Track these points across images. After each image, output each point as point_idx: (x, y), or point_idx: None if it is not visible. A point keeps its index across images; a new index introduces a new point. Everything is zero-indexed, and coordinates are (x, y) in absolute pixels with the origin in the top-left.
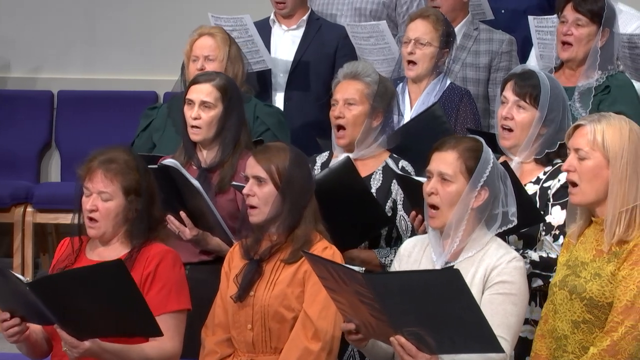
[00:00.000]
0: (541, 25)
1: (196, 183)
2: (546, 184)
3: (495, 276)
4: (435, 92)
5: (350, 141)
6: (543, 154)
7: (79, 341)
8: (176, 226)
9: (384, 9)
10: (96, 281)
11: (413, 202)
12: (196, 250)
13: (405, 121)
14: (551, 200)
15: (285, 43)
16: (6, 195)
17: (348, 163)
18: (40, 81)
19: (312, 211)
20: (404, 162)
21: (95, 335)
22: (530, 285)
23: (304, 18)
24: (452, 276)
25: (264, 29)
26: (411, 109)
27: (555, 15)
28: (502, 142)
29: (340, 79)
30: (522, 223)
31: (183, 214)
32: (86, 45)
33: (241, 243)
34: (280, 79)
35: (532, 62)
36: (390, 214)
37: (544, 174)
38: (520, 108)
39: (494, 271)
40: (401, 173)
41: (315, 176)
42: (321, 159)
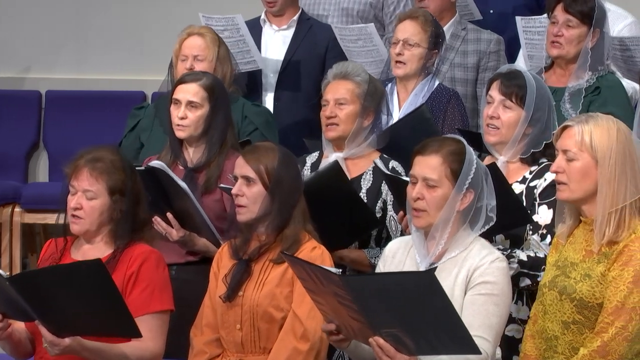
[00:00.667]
0: (529, 26)
1: (183, 184)
2: (532, 183)
3: (478, 277)
4: (424, 93)
5: (340, 135)
6: (529, 154)
7: (59, 338)
8: (163, 227)
9: (371, 9)
10: (75, 279)
11: (401, 203)
12: (183, 251)
13: (394, 121)
14: (538, 199)
15: (276, 43)
16: None
17: (336, 167)
18: (28, 81)
19: (301, 211)
20: (394, 163)
21: (75, 332)
22: (518, 284)
23: (295, 18)
24: (427, 278)
25: (254, 29)
26: (399, 109)
27: (543, 16)
28: (488, 138)
29: (330, 79)
30: (510, 223)
31: (170, 215)
32: (74, 45)
33: (230, 243)
34: (270, 79)
35: (520, 62)
36: (381, 215)
37: (530, 173)
38: (506, 107)
39: (477, 272)
40: (389, 173)
41: (304, 178)
42: (311, 159)
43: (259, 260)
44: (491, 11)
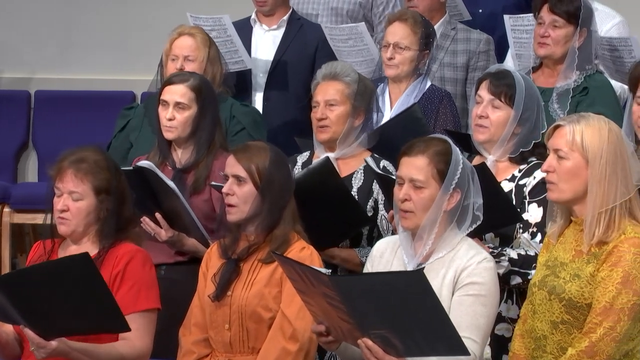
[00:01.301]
0: (517, 24)
1: (172, 184)
2: (522, 182)
3: (466, 277)
4: (415, 93)
5: (331, 137)
6: (517, 153)
7: (46, 341)
8: (152, 228)
9: (360, 9)
10: (62, 275)
11: (392, 202)
12: (172, 251)
13: (385, 121)
14: (527, 197)
15: (266, 43)
16: None
17: (327, 163)
18: (17, 81)
19: (290, 212)
20: (385, 162)
21: (62, 334)
22: (509, 282)
23: (285, 18)
24: (417, 278)
25: (244, 29)
26: (391, 109)
27: (531, 14)
28: (477, 136)
29: (320, 80)
30: (501, 222)
31: (158, 215)
32: (63, 45)
33: (219, 243)
34: (260, 79)
35: (509, 61)
36: (372, 213)
37: (519, 171)
38: (495, 107)
39: (464, 272)
40: (381, 172)
41: (295, 176)
42: (302, 158)
43: (247, 260)
44: (480, 11)
